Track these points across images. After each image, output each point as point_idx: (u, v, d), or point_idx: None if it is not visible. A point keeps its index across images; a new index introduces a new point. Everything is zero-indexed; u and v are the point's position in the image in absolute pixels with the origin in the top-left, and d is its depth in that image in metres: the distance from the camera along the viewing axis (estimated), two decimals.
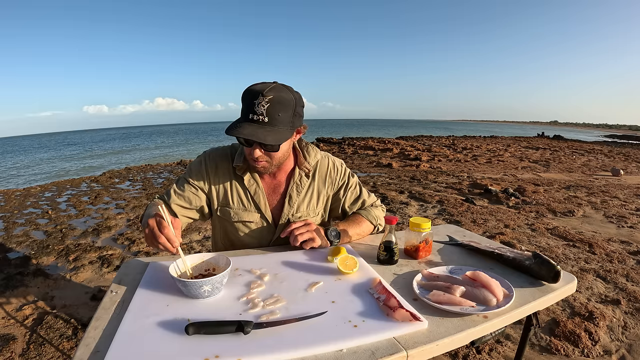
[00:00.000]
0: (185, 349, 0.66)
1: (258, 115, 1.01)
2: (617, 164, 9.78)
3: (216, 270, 0.94)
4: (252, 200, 1.23)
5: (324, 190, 1.31)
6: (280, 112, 1.03)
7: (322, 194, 1.31)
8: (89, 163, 16.19)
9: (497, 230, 3.66)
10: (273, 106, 1.01)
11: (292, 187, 1.25)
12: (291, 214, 1.26)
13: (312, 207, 1.29)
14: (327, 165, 1.32)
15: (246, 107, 1.04)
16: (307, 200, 1.28)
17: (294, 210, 1.26)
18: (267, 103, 1.01)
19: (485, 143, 16.91)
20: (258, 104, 1.01)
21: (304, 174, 1.27)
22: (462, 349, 1.79)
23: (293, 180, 1.26)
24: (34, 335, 1.93)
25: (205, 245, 3.26)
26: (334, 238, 1.18)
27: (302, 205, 1.27)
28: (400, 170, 8.18)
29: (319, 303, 0.82)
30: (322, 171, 1.31)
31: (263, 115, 1.01)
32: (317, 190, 1.30)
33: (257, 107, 1.01)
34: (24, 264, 2.90)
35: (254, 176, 1.23)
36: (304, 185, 1.27)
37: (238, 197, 1.23)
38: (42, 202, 5.35)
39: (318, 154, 1.31)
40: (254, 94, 1.02)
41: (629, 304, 2.24)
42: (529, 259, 0.99)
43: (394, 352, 0.67)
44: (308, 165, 1.27)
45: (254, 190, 1.23)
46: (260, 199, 1.23)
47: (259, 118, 1.01)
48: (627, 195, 5.38)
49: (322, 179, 1.31)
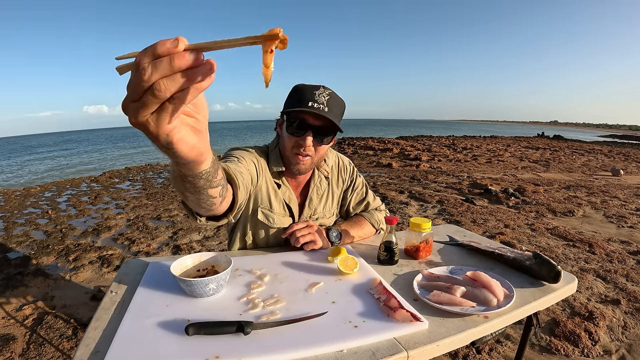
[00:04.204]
0: (185, 349, 0.66)
1: (319, 104, 1.03)
2: (617, 164, 9.78)
3: (216, 268, 0.94)
4: (287, 207, 1.22)
5: (337, 190, 1.33)
6: (336, 107, 1.07)
7: (336, 194, 1.33)
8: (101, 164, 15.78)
9: (497, 230, 3.66)
10: (333, 99, 1.06)
11: (312, 190, 1.25)
12: (309, 216, 1.26)
13: (327, 208, 1.30)
14: (337, 165, 1.33)
15: (304, 96, 1.04)
16: (324, 202, 1.29)
17: (312, 212, 1.26)
18: (328, 95, 1.05)
19: (485, 143, 16.91)
20: (319, 94, 1.04)
21: (324, 177, 1.28)
22: (463, 349, 1.78)
23: (313, 183, 1.25)
24: (34, 335, 1.93)
25: (206, 245, 3.26)
26: (336, 239, 1.18)
27: (319, 207, 1.28)
28: (400, 170, 8.18)
29: (320, 303, 0.82)
30: (335, 171, 1.32)
31: (324, 105, 1.04)
32: (332, 192, 1.31)
33: (319, 97, 1.04)
34: (24, 264, 2.90)
35: (285, 182, 1.20)
36: (323, 188, 1.28)
37: (277, 202, 1.19)
38: (42, 202, 5.35)
39: (332, 155, 1.32)
40: (313, 87, 1.06)
41: (629, 304, 2.24)
42: (530, 259, 0.98)
43: (394, 352, 0.67)
44: (327, 168, 1.28)
45: (288, 197, 1.21)
46: (294, 206, 1.22)
47: (319, 107, 1.03)
48: (627, 195, 5.38)
49: (334, 179, 1.32)
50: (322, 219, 1.28)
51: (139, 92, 0.34)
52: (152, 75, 0.33)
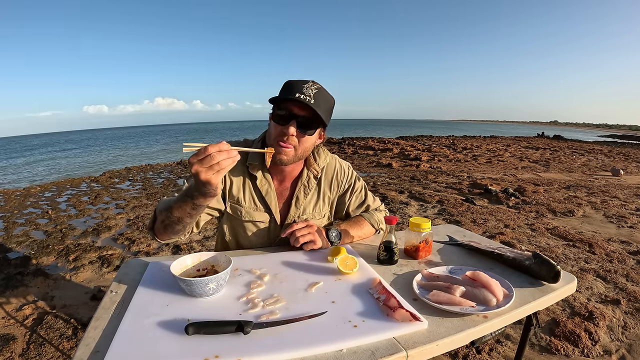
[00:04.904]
0: (185, 349, 0.66)
1: (306, 96, 1.05)
2: (617, 164, 9.78)
3: (215, 268, 0.94)
4: (263, 201, 1.23)
5: (329, 193, 1.31)
6: (323, 102, 1.08)
7: (328, 197, 1.31)
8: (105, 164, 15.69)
9: (497, 230, 3.66)
10: (320, 93, 1.07)
11: (299, 188, 1.25)
12: (297, 215, 1.25)
13: (318, 210, 1.29)
14: (334, 168, 1.32)
15: (292, 89, 1.06)
16: (314, 203, 1.28)
17: (300, 212, 1.25)
18: (316, 89, 1.07)
19: (485, 143, 16.91)
20: (307, 87, 1.06)
21: (312, 176, 1.27)
22: (462, 349, 1.79)
23: (301, 182, 1.25)
24: (34, 335, 1.93)
25: (206, 245, 3.26)
26: (335, 239, 1.18)
27: (308, 207, 1.27)
28: (400, 170, 8.18)
29: (319, 303, 0.82)
30: (329, 174, 1.30)
31: (310, 97, 1.05)
32: (323, 193, 1.30)
33: (306, 90, 1.05)
34: (24, 264, 2.90)
35: (266, 176, 1.22)
36: (312, 188, 1.27)
37: (250, 196, 1.22)
38: (42, 202, 5.35)
39: (327, 157, 1.31)
40: (302, 81, 1.07)
41: (629, 304, 2.24)
42: (529, 259, 0.98)
43: (393, 352, 0.67)
44: (317, 167, 1.27)
45: (265, 190, 1.22)
46: (272, 200, 1.22)
47: (306, 98, 1.05)
48: (627, 195, 5.38)
49: (328, 181, 1.30)
50: (312, 220, 1.26)
51: (208, 163, 0.77)
52: (217, 157, 0.77)
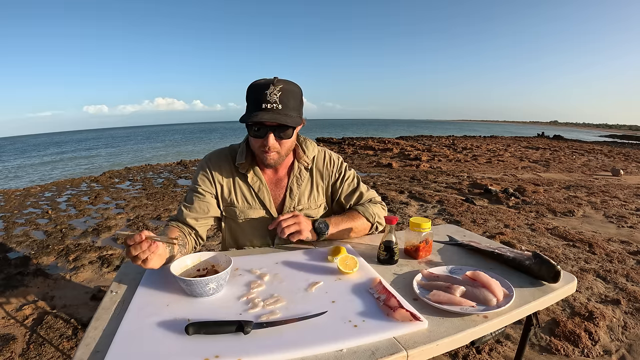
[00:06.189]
0: (185, 349, 0.66)
1: (272, 104, 1.05)
2: (617, 164, 9.78)
3: (216, 268, 0.95)
4: (256, 197, 1.25)
5: (322, 182, 1.34)
6: (291, 100, 1.08)
7: (321, 186, 1.34)
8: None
9: (497, 230, 3.66)
10: (285, 94, 1.06)
11: (292, 180, 1.28)
12: (292, 206, 1.27)
13: (313, 199, 1.31)
14: (323, 158, 1.35)
15: (257, 98, 1.06)
16: (308, 193, 1.30)
17: (295, 203, 1.28)
18: (279, 92, 1.05)
19: (485, 143, 16.91)
20: (270, 93, 1.05)
21: (304, 167, 1.30)
22: (462, 349, 1.78)
23: (293, 173, 1.28)
24: (34, 335, 1.93)
25: (206, 245, 3.26)
26: (324, 229, 1.17)
27: (302, 197, 1.29)
28: (400, 170, 8.18)
29: (319, 303, 0.82)
30: (319, 164, 1.34)
31: (277, 103, 1.05)
32: (316, 183, 1.32)
33: (270, 96, 1.05)
34: (24, 264, 2.90)
35: (257, 173, 1.25)
36: (304, 178, 1.30)
37: (242, 195, 1.25)
38: (42, 202, 5.35)
39: (315, 148, 1.34)
40: (264, 86, 1.06)
41: (629, 304, 2.24)
42: (529, 259, 0.98)
43: (394, 352, 0.67)
44: (307, 159, 1.30)
45: (257, 187, 1.25)
46: (265, 195, 1.25)
47: (272, 106, 1.05)
48: (627, 195, 5.38)
49: (319, 171, 1.33)
50: (308, 210, 1.29)
51: (130, 256, 0.86)
52: (132, 251, 0.85)
